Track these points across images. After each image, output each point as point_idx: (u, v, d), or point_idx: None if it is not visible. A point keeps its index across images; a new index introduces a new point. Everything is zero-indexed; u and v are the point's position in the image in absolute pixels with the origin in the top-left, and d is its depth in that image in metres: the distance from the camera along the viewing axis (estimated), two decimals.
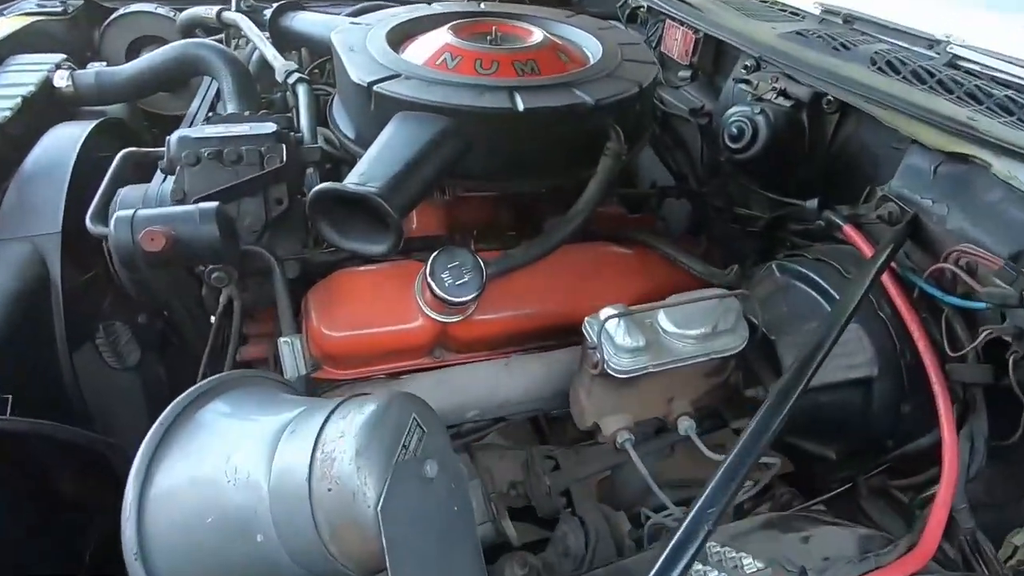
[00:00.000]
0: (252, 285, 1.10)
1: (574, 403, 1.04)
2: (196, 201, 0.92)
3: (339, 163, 1.27)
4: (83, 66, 1.65)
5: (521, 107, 1.02)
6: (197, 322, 1.16)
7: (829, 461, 1.01)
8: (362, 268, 1.11)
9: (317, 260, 1.11)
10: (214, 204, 0.89)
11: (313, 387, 1.04)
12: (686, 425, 1.01)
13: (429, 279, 0.96)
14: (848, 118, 1.16)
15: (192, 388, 0.81)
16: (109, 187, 1.10)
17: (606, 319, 0.90)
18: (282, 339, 0.96)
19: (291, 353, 0.95)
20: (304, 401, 0.83)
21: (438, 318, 1.05)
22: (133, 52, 2.01)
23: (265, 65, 1.47)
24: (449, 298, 0.96)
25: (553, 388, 1.09)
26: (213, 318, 1.14)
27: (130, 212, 0.86)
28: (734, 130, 1.18)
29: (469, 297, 0.97)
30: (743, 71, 1.32)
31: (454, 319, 1.06)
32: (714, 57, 1.53)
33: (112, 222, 0.86)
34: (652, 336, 0.91)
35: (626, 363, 0.89)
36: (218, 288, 1.07)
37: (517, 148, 1.08)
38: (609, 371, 0.88)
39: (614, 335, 0.89)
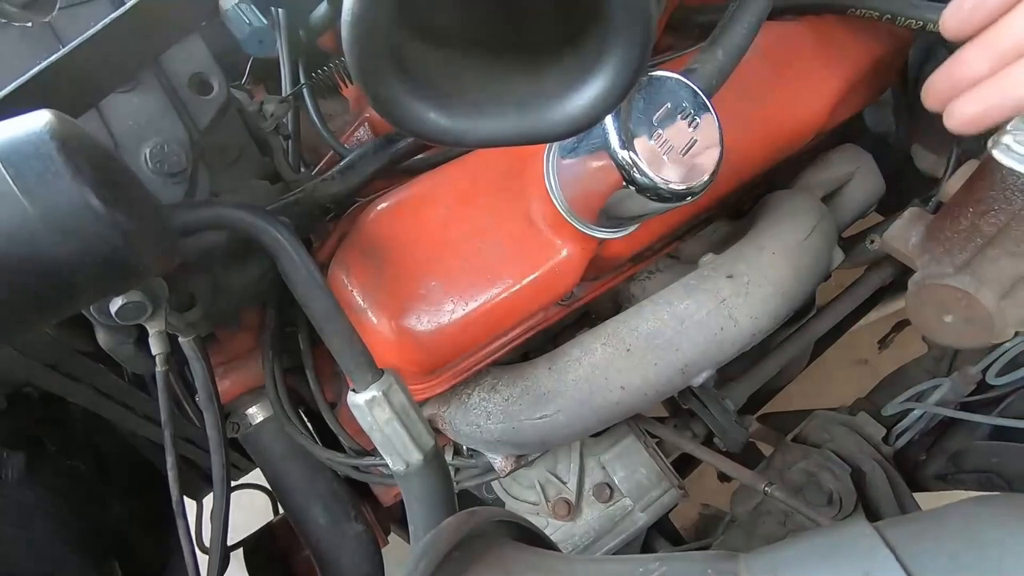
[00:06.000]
0: (200, 291, 0.51)
1: (954, 306, 0.50)
2: None
3: None
4: None
5: None
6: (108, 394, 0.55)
7: None
8: (402, 190, 0.54)
9: (319, 196, 0.52)
10: (45, 119, 0.28)
11: None
12: None
13: (623, 156, 0.43)
14: None
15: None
16: None
17: None
18: (359, 397, 0.41)
19: (394, 421, 0.40)
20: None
21: (604, 234, 0.53)
22: None
23: None
24: (679, 186, 0.44)
25: (804, 288, 0.63)
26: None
27: None
28: None
29: (710, 173, 0.45)
30: None
31: (631, 228, 0.55)
32: None
33: None
34: None
35: None
36: (128, 327, 0.47)
37: None
38: None
39: None
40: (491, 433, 0.60)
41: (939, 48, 0.88)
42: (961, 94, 0.42)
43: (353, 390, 0.41)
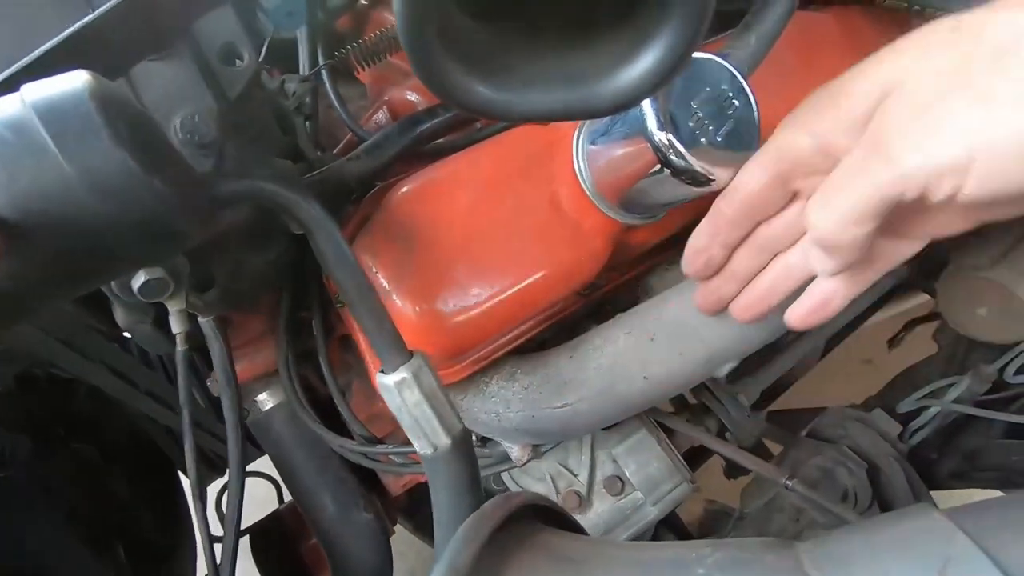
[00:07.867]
0: (219, 271, 0.50)
1: None
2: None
3: None
4: None
5: None
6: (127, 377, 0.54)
7: None
8: (429, 172, 0.53)
9: (346, 175, 0.51)
10: (83, 78, 0.27)
11: None
12: None
13: (659, 138, 0.42)
14: None
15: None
16: None
17: None
18: (388, 378, 0.40)
19: (424, 404, 0.40)
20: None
21: (631, 219, 0.53)
22: None
23: None
24: (703, 170, 0.43)
25: None
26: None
27: None
28: None
29: (745, 155, 0.45)
30: None
31: (659, 216, 0.54)
32: None
33: None
34: None
35: None
36: (147, 305, 0.47)
37: None
38: None
39: None
40: (510, 421, 0.60)
41: None
42: None
43: (382, 371, 0.40)
